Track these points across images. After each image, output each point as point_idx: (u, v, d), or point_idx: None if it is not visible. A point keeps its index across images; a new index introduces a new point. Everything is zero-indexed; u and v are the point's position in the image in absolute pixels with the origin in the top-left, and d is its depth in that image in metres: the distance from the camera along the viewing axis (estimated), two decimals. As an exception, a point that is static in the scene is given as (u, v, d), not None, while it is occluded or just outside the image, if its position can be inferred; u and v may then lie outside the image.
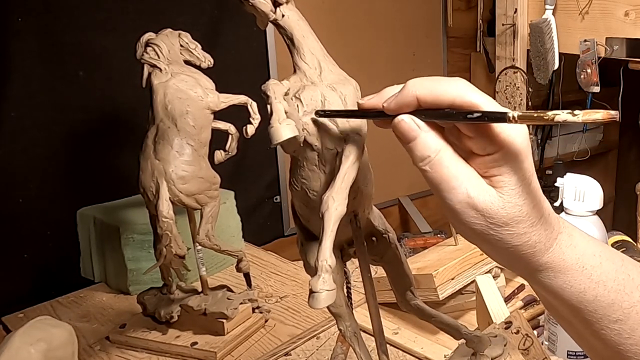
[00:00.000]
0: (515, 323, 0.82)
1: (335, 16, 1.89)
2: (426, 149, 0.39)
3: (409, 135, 0.40)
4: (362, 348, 0.64)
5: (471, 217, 0.39)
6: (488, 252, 0.42)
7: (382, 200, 2.16)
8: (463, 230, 0.40)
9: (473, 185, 0.38)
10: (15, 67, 1.26)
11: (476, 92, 0.38)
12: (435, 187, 0.39)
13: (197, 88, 0.92)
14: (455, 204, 0.39)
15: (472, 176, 0.39)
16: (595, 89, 1.69)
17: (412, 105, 0.39)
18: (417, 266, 1.02)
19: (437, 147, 0.39)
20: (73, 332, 0.82)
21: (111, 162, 1.40)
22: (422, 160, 0.39)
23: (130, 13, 1.39)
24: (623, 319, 0.41)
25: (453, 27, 2.26)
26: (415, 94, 0.39)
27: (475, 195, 0.38)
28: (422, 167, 0.39)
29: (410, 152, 0.40)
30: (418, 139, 0.39)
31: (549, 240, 0.40)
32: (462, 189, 0.38)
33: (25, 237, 1.31)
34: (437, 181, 0.39)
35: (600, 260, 0.41)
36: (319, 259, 0.44)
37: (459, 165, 0.39)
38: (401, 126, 0.40)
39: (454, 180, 0.38)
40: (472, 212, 0.38)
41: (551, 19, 1.72)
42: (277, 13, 0.53)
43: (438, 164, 0.39)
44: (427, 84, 0.39)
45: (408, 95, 0.39)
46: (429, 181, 0.40)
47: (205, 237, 0.94)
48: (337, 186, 0.47)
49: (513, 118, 0.35)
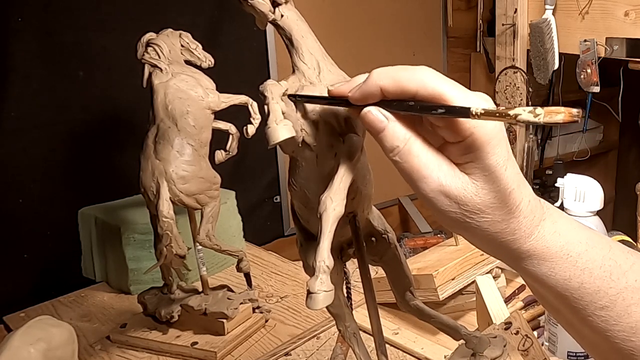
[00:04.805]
0: (515, 324, 0.82)
1: (335, 16, 1.89)
2: (394, 139, 0.39)
3: (376, 127, 0.39)
4: (361, 348, 0.64)
5: (446, 205, 0.39)
6: (469, 239, 0.42)
7: (382, 200, 2.16)
8: (441, 218, 0.40)
9: (444, 173, 0.38)
10: (15, 67, 1.26)
11: (440, 79, 0.37)
12: (407, 177, 0.39)
13: (198, 88, 0.92)
14: (428, 192, 0.39)
15: (443, 164, 0.39)
16: (595, 89, 1.69)
17: (376, 95, 0.39)
18: (417, 266, 1.02)
19: (406, 137, 0.39)
20: (73, 332, 0.82)
21: (111, 162, 1.41)
22: (392, 151, 0.39)
23: (130, 13, 1.39)
24: (609, 306, 0.41)
25: (453, 27, 2.26)
26: (379, 84, 0.39)
27: (446, 183, 0.38)
28: (393, 158, 0.39)
29: (381, 144, 0.40)
30: (386, 130, 0.39)
31: (529, 227, 0.40)
32: (433, 177, 0.38)
33: (25, 237, 1.31)
34: (408, 171, 0.39)
35: (586, 247, 0.41)
36: (317, 259, 0.44)
37: (429, 154, 0.39)
38: (368, 118, 0.40)
39: (425, 169, 0.38)
40: (446, 199, 0.38)
41: (551, 19, 1.72)
42: (276, 13, 0.52)
43: (407, 154, 0.39)
44: (391, 73, 0.38)
45: (372, 86, 0.39)
46: (401, 172, 0.40)
47: (205, 237, 0.95)
48: (335, 187, 0.47)
49: (476, 114, 0.34)
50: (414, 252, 1.64)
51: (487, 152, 0.38)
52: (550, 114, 0.32)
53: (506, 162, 0.38)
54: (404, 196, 2.24)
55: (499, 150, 0.38)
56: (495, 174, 0.38)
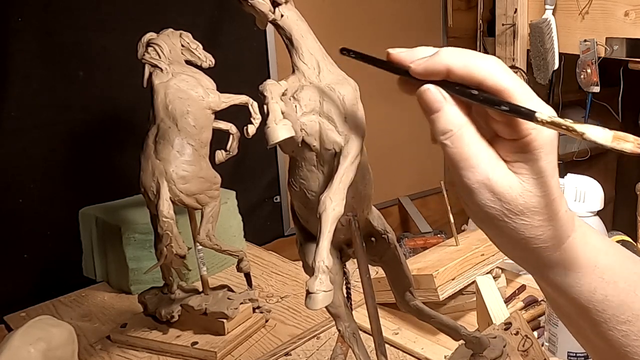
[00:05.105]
0: (515, 324, 0.82)
1: (335, 16, 1.89)
2: (449, 122, 0.38)
3: (432, 106, 0.38)
4: (361, 349, 0.64)
5: (487, 200, 0.38)
6: (499, 241, 0.41)
7: (382, 200, 2.16)
8: (476, 212, 0.39)
9: (493, 167, 0.37)
10: (15, 67, 1.26)
11: (508, 74, 0.37)
12: (454, 163, 0.38)
13: (198, 88, 0.92)
14: (472, 182, 0.38)
15: (493, 158, 0.38)
16: (595, 89, 1.69)
17: (440, 74, 0.38)
18: (417, 266, 1.02)
19: (460, 123, 0.38)
20: (73, 332, 0.82)
21: (111, 162, 1.41)
22: (444, 134, 0.38)
23: (130, 13, 1.39)
24: (632, 321, 0.40)
25: (453, 27, 2.25)
26: (447, 64, 0.38)
27: (494, 177, 0.37)
28: (443, 141, 0.38)
29: (432, 124, 0.39)
30: (442, 112, 0.38)
31: (562, 236, 0.39)
32: (481, 169, 0.37)
33: (25, 237, 1.31)
34: (457, 157, 0.38)
35: (613, 260, 0.41)
36: (316, 259, 0.44)
37: (480, 145, 0.38)
38: (427, 95, 0.38)
39: (474, 159, 0.37)
40: (489, 194, 0.37)
41: (551, 19, 1.72)
42: (276, 13, 0.52)
43: (459, 140, 0.38)
44: (462, 56, 0.37)
45: (439, 63, 0.38)
46: (448, 156, 0.38)
47: (206, 237, 0.95)
48: (335, 186, 0.47)
49: (541, 120, 0.34)
50: (414, 252, 1.64)
51: (540, 156, 0.37)
52: (619, 140, 0.32)
53: (554, 170, 0.38)
54: (404, 196, 2.24)
55: (551, 157, 0.38)
56: (544, 179, 0.37)
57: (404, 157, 2.19)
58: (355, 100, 0.52)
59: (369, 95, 0.61)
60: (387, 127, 2.08)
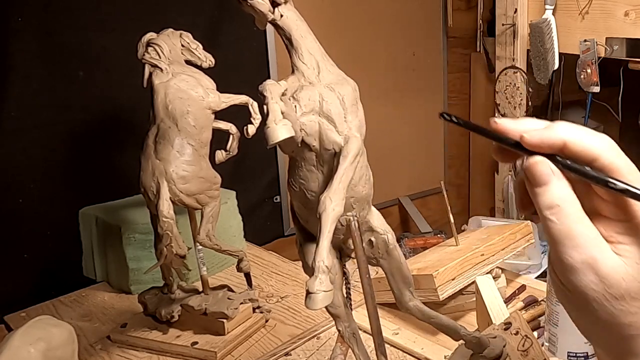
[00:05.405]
0: (515, 324, 0.82)
1: (335, 16, 1.89)
2: (556, 197, 0.37)
3: (541, 179, 0.37)
4: (360, 349, 0.64)
5: (590, 281, 0.36)
6: (589, 324, 0.39)
7: (382, 200, 2.16)
8: (573, 292, 0.37)
9: (599, 247, 0.36)
10: (15, 67, 1.26)
11: (621, 155, 0.37)
12: (557, 240, 0.37)
13: (198, 88, 0.92)
14: (576, 262, 0.36)
15: (599, 237, 0.36)
16: (595, 89, 1.69)
17: (555, 147, 0.37)
18: (417, 266, 1.02)
19: (568, 198, 0.37)
20: (73, 332, 0.82)
21: (112, 162, 1.41)
22: (550, 209, 0.37)
23: (130, 13, 1.39)
24: None
25: (453, 27, 2.26)
26: (564, 138, 0.37)
27: (600, 258, 0.36)
28: (548, 216, 0.37)
29: (537, 197, 0.37)
30: (549, 185, 0.37)
31: None
32: (587, 248, 0.36)
33: (25, 237, 1.31)
34: (562, 235, 0.36)
35: None
36: (316, 259, 0.44)
37: (586, 222, 0.36)
38: (537, 167, 0.37)
39: (580, 237, 0.36)
40: (593, 276, 0.36)
41: (551, 19, 1.73)
42: (276, 13, 0.53)
43: (566, 217, 0.36)
44: (578, 132, 0.37)
45: (556, 136, 0.37)
46: (551, 232, 0.37)
47: (206, 237, 0.95)
48: (335, 187, 0.47)
49: None
50: (414, 252, 1.64)
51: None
52: None
53: None
54: (404, 196, 2.24)
55: None
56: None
57: (404, 157, 2.19)
58: (355, 101, 0.52)
59: (369, 95, 0.61)
60: (387, 127, 2.08)
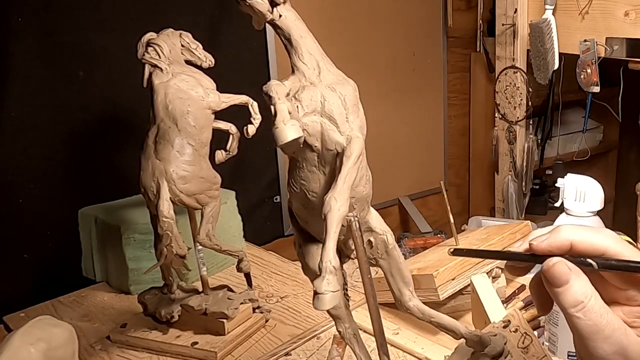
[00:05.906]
0: (514, 322, 0.82)
1: (335, 16, 1.89)
2: (579, 294, 0.38)
3: (561, 279, 0.38)
4: (361, 349, 0.64)
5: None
6: None
7: (382, 200, 2.16)
8: None
9: (626, 334, 0.38)
10: (15, 67, 1.26)
11: (626, 245, 0.38)
12: (586, 336, 0.38)
13: (198, 88, 0.92)
14: (608, 353, 0.37)
15: (623, 325, 0.38)
16: (595, 89, 1.69)
17: (563, 248, 0.39)
18: (417, 266, 1.02)
19: (590, 293, 0.38)
20: (73, 332, 0.82)
21: (112, 162, 1.41)
22: (575, 306, 0.38)
23: (130, 13, 1.39)
24: None
25: (453, 27, 2.25)
26: (570, 239, 0.39)
27: (628, 345, 0.37)
28: (574, 314, 0.38)
29: (559, 297, 0.39)
30: (570, 284, 0.38)
31: None
32: (616, 338, 0.37)
33: (25, 237, 1.31)
34: (591, 330, 0.37)
35: None
36: (323, 260, 0.44)
37: (609, 312, 0.38)
38: (556, 268, 0.39)
39: (608, 329, 0.37)
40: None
41: (551, 19, 1.72)
42: (275, 13, 0.52)
43: (591, 311, 0.38)
44: (582, 231, 0.39)
45: (562, 238, 0.39)
46: (578, 328, 0.38)
47: (205, 237, 0.95)
48: (339, 187, 0.46)
49: None
50: (414, 252, 1.64)
51: None
52: None
53: None
54: (404, 196, 2.24)
55: None
56: None
57: (404, 157, 2.19)
58: (356, 101, 0.52)
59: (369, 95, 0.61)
60: (387, 127, 2.08)
